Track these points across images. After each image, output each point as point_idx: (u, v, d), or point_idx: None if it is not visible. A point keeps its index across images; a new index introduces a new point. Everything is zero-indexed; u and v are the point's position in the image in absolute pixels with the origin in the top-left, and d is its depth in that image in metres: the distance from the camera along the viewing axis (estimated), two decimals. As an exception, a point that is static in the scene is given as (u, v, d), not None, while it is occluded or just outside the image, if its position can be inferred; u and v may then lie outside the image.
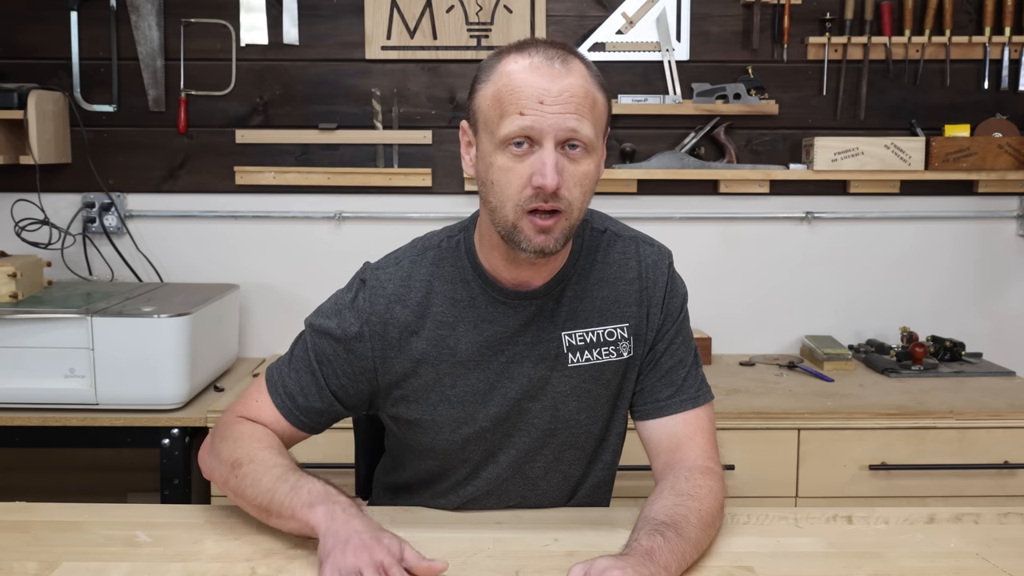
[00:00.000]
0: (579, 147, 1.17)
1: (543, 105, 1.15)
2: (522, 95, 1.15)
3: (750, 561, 1.16)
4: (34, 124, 2.29)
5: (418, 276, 1.30)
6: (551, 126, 1.15)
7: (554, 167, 1.14)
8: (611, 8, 2.49)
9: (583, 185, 1.19)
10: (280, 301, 2.55)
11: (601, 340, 1.31)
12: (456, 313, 1.29)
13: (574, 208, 1.19)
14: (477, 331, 1.29)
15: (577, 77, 1.17)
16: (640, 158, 2.50)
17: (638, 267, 1.34)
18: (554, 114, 1.15)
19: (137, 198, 2.53)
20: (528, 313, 1.29)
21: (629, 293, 1.32)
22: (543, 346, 1.30)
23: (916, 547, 1.21)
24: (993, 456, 2.04)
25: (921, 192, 2.53)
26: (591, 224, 1.36)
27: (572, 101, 1.16)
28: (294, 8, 2.48)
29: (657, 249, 1.37)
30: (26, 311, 2.02)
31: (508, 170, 1.17)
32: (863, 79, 2.49)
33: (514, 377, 1.30)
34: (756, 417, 2.03)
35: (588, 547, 1.19)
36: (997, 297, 2.60)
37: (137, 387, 2.00)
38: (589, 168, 1.19)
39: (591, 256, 1.33)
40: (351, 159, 2.52)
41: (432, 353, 1.29)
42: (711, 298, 2.55)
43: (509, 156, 1.17)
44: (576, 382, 1.31)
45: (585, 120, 1.17)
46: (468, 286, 1.30)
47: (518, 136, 1.15)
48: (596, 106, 1.19)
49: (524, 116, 1.15)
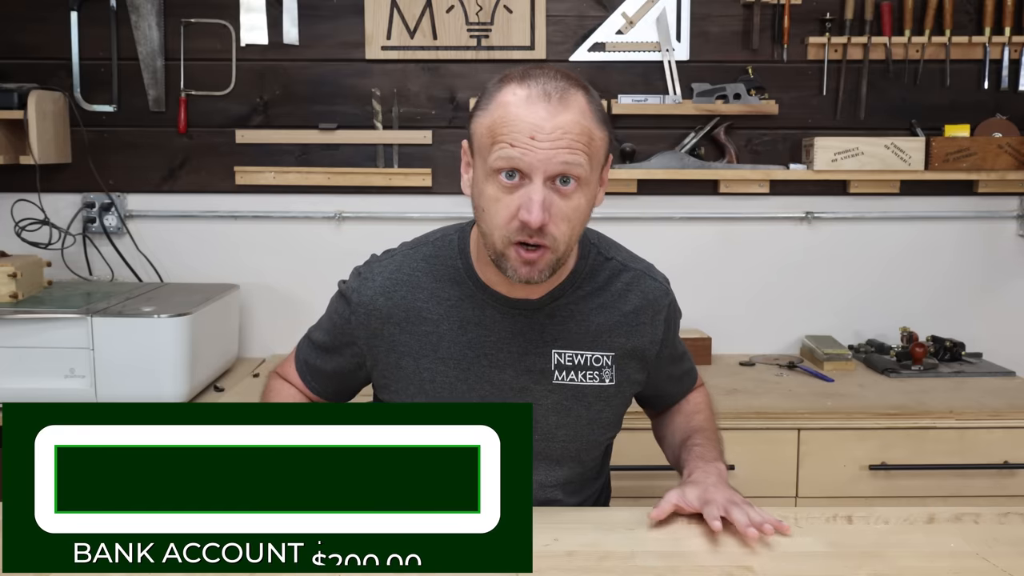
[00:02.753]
0: (571, 182, 1.17)
1: (534, 141, 1.14)
2: (514, 128, 1.15)
3: (750, 561, 1.16)
4: (34, 124, 2.29)
5: (407, 270, 1.34)
6: (541, 162, 1.14)
7: (540, 204, 1.14)
8: (611, 8, 2.49)
9: (571, 220, 1.19)
10: (280, 301, 2.55)
11: (588, 364, 1.33)
12: (441, 311, 1.31)
13: (560, 243, 1.19)
14: (462, 331, 1.31)
15: (574, 113, 1.16)
16: (640, 158, 2.50)
17: (639, 300, 1.36)
18: (544, 150, 1.14)
19: (137, 198, 2.53)
20: (518, 324, 1.31)
21: (623, 324, 1.34)
22: (530, 359, 1.31)
23: (916, 547, 1.21)
24: (993, 456, 2.04)
25: (921, 192, 2.53)
26: (599, 249, 1.37)
27: (565, 138, 1.15)
28: (294, 8, 2.48)
29: (660, 284, 1.39)
30: (26, 311, 2.02)
31: (497, 200, 1.18)
32: (863, 79, 2.49)
33: (495, 383, 1.32)
34: (756, 417, 2.03)
35: (588, 547, 1.19)
36: (997, 297, 2.60)
37: (137, 387, 2.00)
38: (580, 203, 1.19)
39: (593, 280, 1.34)
40: (351, 159, 2.52)
41: (414, 346, 1.32)
42: (711, 298, 2.55)
43: (499, 187, 1.17)
44: (558, 399, 1.33)
45: (579, 154, 1.16)
46: (458, 286, 1.32)
47: (507, 169, 1.16)
48: (593, 142, 1.18)
49: (514, 149, 1.14)
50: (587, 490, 1.45)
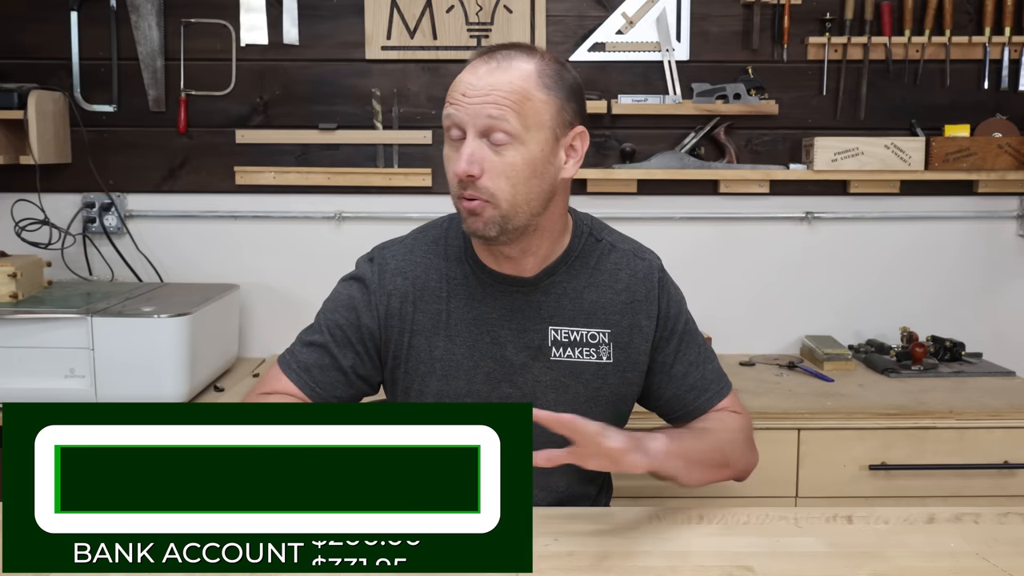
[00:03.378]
0: (500, 136, 1.24)
1: (465, 97, 1.25)
2: (455, 88, 1.27)
3: (750, 561, 1.16)
4: (34, 124, 2.29)
5: (419, 251, 1.40)
6: (470, 116, 1.24)
7: (467, 156, 1.24)
8: (611, 8, 2.49)
9: (509, 176, 1.25)
10: (280, 301, 2.55)
11: (584, 340, 1.37)
12: (450, 289, 1.38)
13: (500, 199, 1.26)
14: (468, 308, 1.37)
15: (511, 74, 1.25)
16: (640, 158, 2.50)
17: (628, 279, 1.40)
18: (473, 105, 1.24)
19: (137, 198, 2.53)
20: (516, 301, 1.37)
21: (616, 303, 1.39)
22: (528, 335, 1.36)
23: (916, 547, 1.21)
24: (993, 456, 2.04)
25: (921, 192, 2.53)
26: (591, 230, 1.43)
27: (493, 94, 1.24)
28: (294, 8, 2.48)
29: (647, 263, 1.43)
30: (26, 311, 2.02)
31: (448, 158, 1.30)
32: (863, 79, 2.49)
33: (497, 359, 1.36)
34: (756, 417, 2.02)
35: (588, 547, 1.19)
36: (997, 297, 2.60)
37: (137, 387, 2.00)
38: (515, 160, 1.25)
39: (585, 260, 1.40)
40: (351, 159, 2.52)
41: (426, 324, 1.37)
42: (711, 298, 2.55)
43: (449, 145, 1.29)
44: (556, 375, 1.37)
45: (507, 111, 1.23)
46: (462, 265, 1.39)
47: (449, 126, 1.27)
48: (528, 102, 1.25)
49: (451, 106, 1.26)
50: (589, 474, 1.44)
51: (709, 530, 1.26)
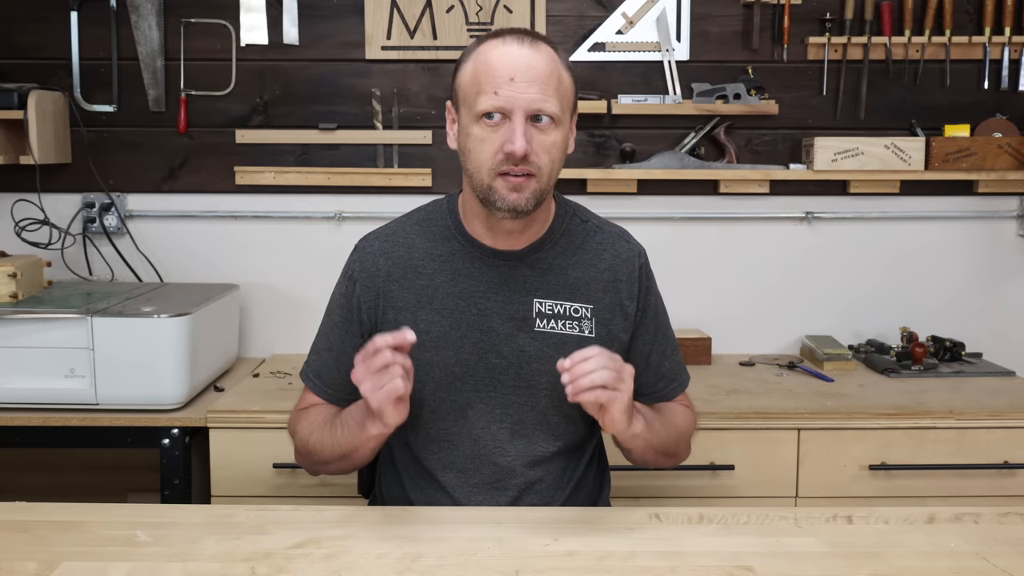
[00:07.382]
0: (546, 119, 1.32)
1: (513, 82, 1.30)
2: (496, 73, 1.31)
3: (750, 561, 1.16)
4: (34, 124, 2.29)
5: (402, 233, 1.48)
6: (519, 101, 1.30)
7: (523, 135, 1.30)
8: (611, 8, 2.49)
9: (551, 153, 1.34)
10: (280, 301, 2.55)
11: (567, 314, 1.43)
12: (435, 266, 1.44)
13: (544, 173, 1.33)
14: (454, 283, 1.42)
15: (544, 56, 1.32)
16: (640, 158, 2.50)
17: (612, 259, 1.47)
18: (523, 92, 1.30)
19: (137, 198, 2.53)
20: (503, 274, 1.42)
21: (598, 280, 1.46)
22: (514, 307, 1.42)
23: (916, 547, 1.21)
24: (993, 456, 2.04)
25: (921, 192, 2.53)
26: (576, 213, 1.51)
27: (539, 79, 1.31)
28: (294, 8, 2.48)
29: (632, 247, 1.51)
30: (26, 311, 2.02)
31: (483, 140, 1.33)
32: (863, 79, 2.49)
33: (484, 330, 1.41)
34: (756, 417, 2.03)
35: (588, 547, 1.19)
36: (997, 297, 2.60)
37: (137, 387, 2.00)
38: (556, 138, 1.34)
39: (571, 239, 1.47)
40: (351, 159, 2.52)
41: (411, 300, 1.43)
42: (711, 298, 2.55)
43: (484, 127, 1.32)
44: (540, 346, 1.42)
45: (551, 97, 1.31)
46: (449, 242, 1.45)
47: (492, 111, 1.31)
48: (562, 84, 1.34)
49: (498, 95, 1.30)
50: (579, 456, 1.49)
51: (709, 530, 1.26)
